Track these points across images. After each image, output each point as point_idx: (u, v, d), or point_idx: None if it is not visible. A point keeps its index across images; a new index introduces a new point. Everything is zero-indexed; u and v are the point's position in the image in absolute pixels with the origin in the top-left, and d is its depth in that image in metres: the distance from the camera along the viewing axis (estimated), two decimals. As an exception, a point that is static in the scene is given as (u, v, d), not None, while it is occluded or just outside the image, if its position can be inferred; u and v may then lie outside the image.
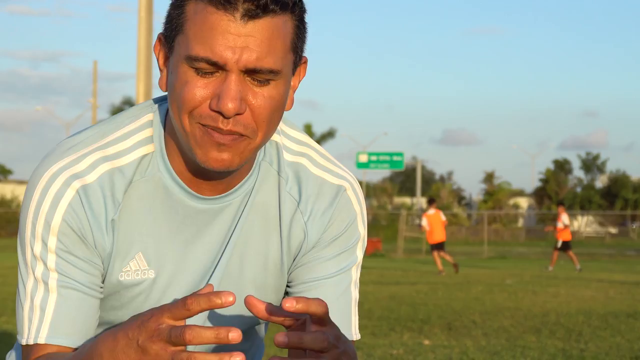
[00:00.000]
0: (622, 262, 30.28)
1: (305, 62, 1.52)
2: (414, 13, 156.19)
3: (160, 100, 1.58)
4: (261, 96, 1.41)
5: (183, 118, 1.42)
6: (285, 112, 1.50)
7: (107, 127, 1.54)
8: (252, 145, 1.45)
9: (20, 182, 61.75)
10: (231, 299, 1.25)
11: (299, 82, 1.52)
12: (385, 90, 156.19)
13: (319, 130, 56.49)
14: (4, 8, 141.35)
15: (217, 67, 1.39)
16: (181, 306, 1.27)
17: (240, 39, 1.37)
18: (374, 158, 49.23)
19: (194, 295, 1.27)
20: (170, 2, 1.46)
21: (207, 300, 1.25)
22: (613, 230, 59.48)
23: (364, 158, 48.91)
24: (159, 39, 1.49)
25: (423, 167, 71.64)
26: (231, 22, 1.37)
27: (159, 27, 1.53)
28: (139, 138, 1.53)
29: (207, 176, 1.52)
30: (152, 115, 1.55)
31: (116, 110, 49.68)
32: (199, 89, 1.40)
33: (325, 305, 1.29)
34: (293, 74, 1.48)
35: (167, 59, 1.48)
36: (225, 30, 1.37)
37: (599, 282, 17.68)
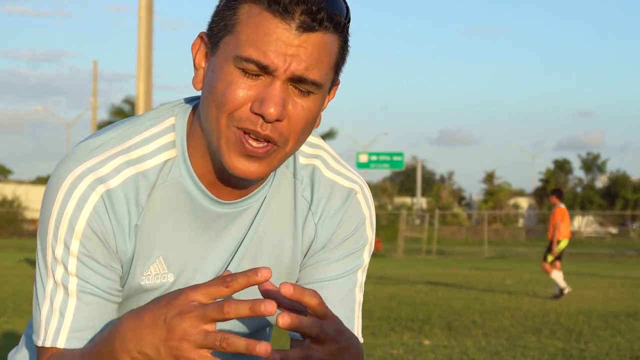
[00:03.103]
0: (622, 262, 30.28)
1: (338, 84, 1.54)
2: (412, 13, 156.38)
3: (180, 104, 1.58)
4: (300, 107, 1.43)
5: (221, 117, 1.42)
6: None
7: (128, 130, 1.53)
8: (281, 154, 1.46)
9: (21, 182, 61.78)
10: (268, 275, 1.22)
11: (327, 103, 1.54)
12: (384, 91, 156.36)
13: (318, 130, 56.40)
14: (3, 8, 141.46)
15: (265, 71, 1.40)
16: (220, 283, 1.24)
17: (292, 48, 1.39)
18: (374, 158, 49.27)
19: (230, 273, 1.25)
20: (221, 3, 1.46)
21: (245, 277, 1.23)
22: (613, 230, 59.47)
23: (364, 158, 48.94)
24: (200, 37, 1.50)
25: (423, 167, 71.68)
26: (286, 31, 1.39)
27: (159, 27, 1.54)
28: (162, 143, 1.53)
29: (229, 181, 1.52)
30: (173, 119, 1.55)
31: (116, 111, 49.64)
32: (243, 90, 1.41)
33: (318, 297, 1.28)
34: (329, 92, 1.50)
35: (206, 58, 1.48)
36: (279, 37, 1.39)
37: (599, 282, 17.69)
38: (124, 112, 47.72)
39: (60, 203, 1.47)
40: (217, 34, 1.45)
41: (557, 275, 13.87)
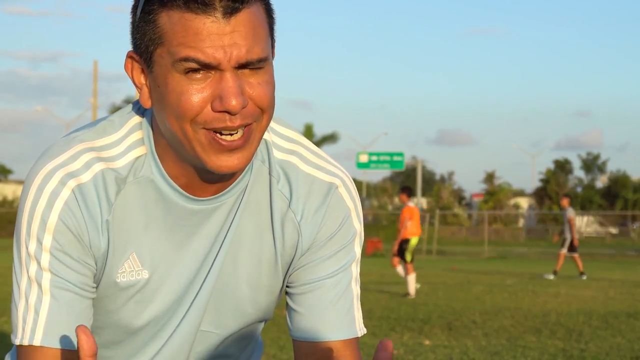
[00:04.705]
0: (622, 262, 30.28)
1: (275, 42, 1.52)
2: (411, 14, 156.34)
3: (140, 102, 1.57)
4: (257, 84, 1.41)
5: (185, 127, 1.41)
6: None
7: (99, 129, 1.53)
8: (260, 129, 1.45)
9: (21, 182, 61.77)
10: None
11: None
12: (384, 91, 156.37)
13: (320, 131, 56.31)
14: (3, 8, 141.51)
15: (209, 68, 1.38)
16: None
17: (226, 36, 1.37)
18: (374, 158, 49.21)
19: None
20: (136, 18, 1.43)
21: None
22: (613, 230, 59.49)
23: (364, 158, 48.87)
24: (130, 56, 1.47)
25: (423, 167, 71.64)
26: (214, 23, 1.37)
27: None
28: (131, 141, 1.52)
29: (202, 179, 1.51)
30: (139, 118, 1.55)
31: (116, 111, 49.61)
32: (196, 94, 1.39)
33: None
34: (272, 56, 1.48)
35: (144, 74, 1.46)
36: (210, 31, 1.37)
37: (599, 282, 17.68)
38: (124, 112, 47.51)
39: (32, 199, 1.47)
40: (146, 50, 1.42)
41: (401, 271, 13.90)
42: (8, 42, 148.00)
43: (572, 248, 19.61)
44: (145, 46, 1.42)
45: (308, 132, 53.57)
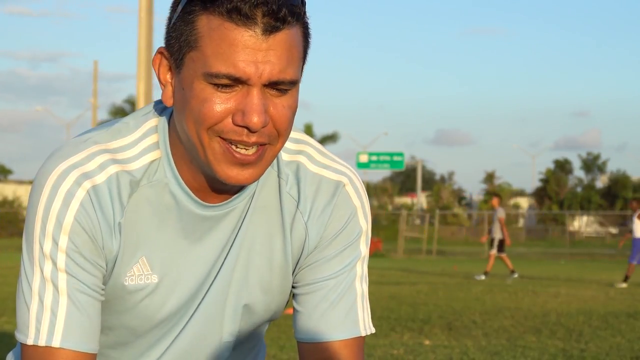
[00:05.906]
0: (622, 262, 30.27)
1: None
2: (411, 14, 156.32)
3: (160, 104, 1.57)
4: (281, 106, 1.42)
5: (202, 134, 1.41)
6: None
7: (114, 131, 1.53)
8: (273, 151, 1.45)
9: (21, 182, 61.75)
10: None
11: None
12: (383, 91, 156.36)
13: (320, 131, 56.30)
14: (3, 8, 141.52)
15: (239, 81, 1.38)
16: None
17: (261, 53, 1.37)
18: (374, 158, 49.21)
19: None
20: (175, 15, 1.43)
21: None
22: (613, 230, 59.44)
23: (364, 158, 48.87)
24: (160, 52, 1.47)
25: (423, 167, 71.63)
26: (252, 38, 1.36)
27: (159, 27, 1.52)
28: (146, 144, 1.52)
29: (214, 185, 1.51)
30: (155, 121, 1.54)
31: (116, 110, 49.62)
32: (220, 104, 1.39)
33: None
34: (300, 78, 1.48)
35: (171, 72, 1.46)
36: (247, 45, 1.36)
37: (599, 282, 17.68)
38: (124, 112, 47.63)
39: (47, 198, 1.46)
40: (179, 49, 1.42)
41: None
42: (8, 42, 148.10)
43: (500, 248, 19.60)
44: (179, 46, 1.41)
45: (308, 132, 53.49)
